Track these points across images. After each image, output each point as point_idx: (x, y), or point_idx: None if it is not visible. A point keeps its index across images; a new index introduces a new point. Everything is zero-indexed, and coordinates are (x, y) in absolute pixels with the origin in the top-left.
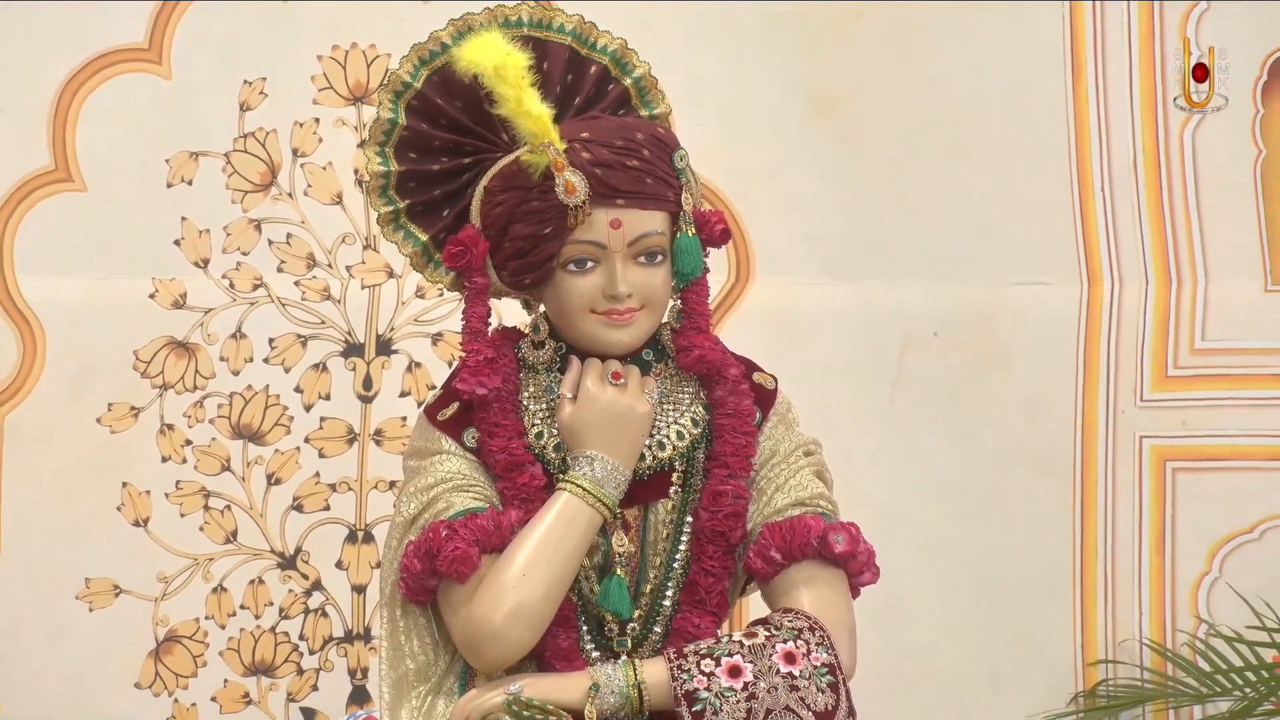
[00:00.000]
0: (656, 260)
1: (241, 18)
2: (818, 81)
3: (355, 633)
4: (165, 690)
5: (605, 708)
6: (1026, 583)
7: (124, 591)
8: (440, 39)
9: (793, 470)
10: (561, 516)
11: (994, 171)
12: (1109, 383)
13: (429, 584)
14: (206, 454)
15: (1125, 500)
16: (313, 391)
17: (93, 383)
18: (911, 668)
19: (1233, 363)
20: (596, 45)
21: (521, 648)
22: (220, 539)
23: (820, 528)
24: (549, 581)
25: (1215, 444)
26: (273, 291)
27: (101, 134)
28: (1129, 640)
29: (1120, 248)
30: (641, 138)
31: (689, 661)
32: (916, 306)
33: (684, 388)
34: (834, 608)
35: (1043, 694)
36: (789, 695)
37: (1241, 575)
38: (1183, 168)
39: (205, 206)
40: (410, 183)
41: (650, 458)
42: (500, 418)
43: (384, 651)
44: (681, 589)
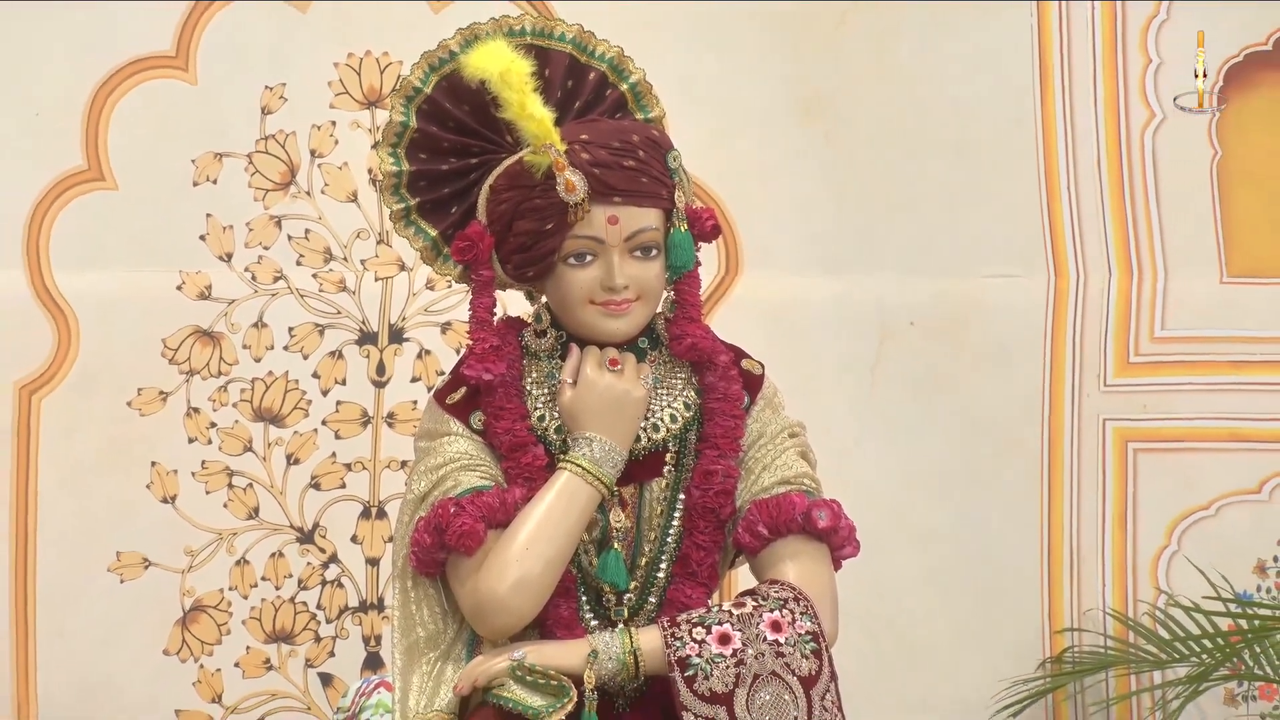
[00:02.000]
0: (651, 254)
1: (263, 27)
2: (803, 86)
3: (369, 603)
4: (192, 656)
5: (603, 673)
6: (997, 556)
7: (153, 564)
8: (449, 47)
9: (779, 451)
10: (562, 494)
11: (967, 170)
12: (1074, 369)
13: (438, 557)
14: (230, 435)
15: (1090, 479)
16: (329, 377)
17: (123, 369)
18: (890, 635)
19: (1190, 350)
20: (595, 53)
21: (525, 617)
22: (243, 515)
23: (804, 505)
24: (550, 555)
25: (1174, 426)
26: (292, 283)
27: (131, 136)
28: (1093, 610)
29: (1085, 242)
30: (637, 139)
31: (681, 630)
32: (895, 297)
33: (677, 374)
34: (817, 579)
35: (1012, 660)
36: (775, 661)
37: (1198, 549)
38: (1143, 167)
39: (229, 204)
40: (421, 181)
41: (645, 439)
42: (505, 401)
43: (396, 620)
44: (674, 562)
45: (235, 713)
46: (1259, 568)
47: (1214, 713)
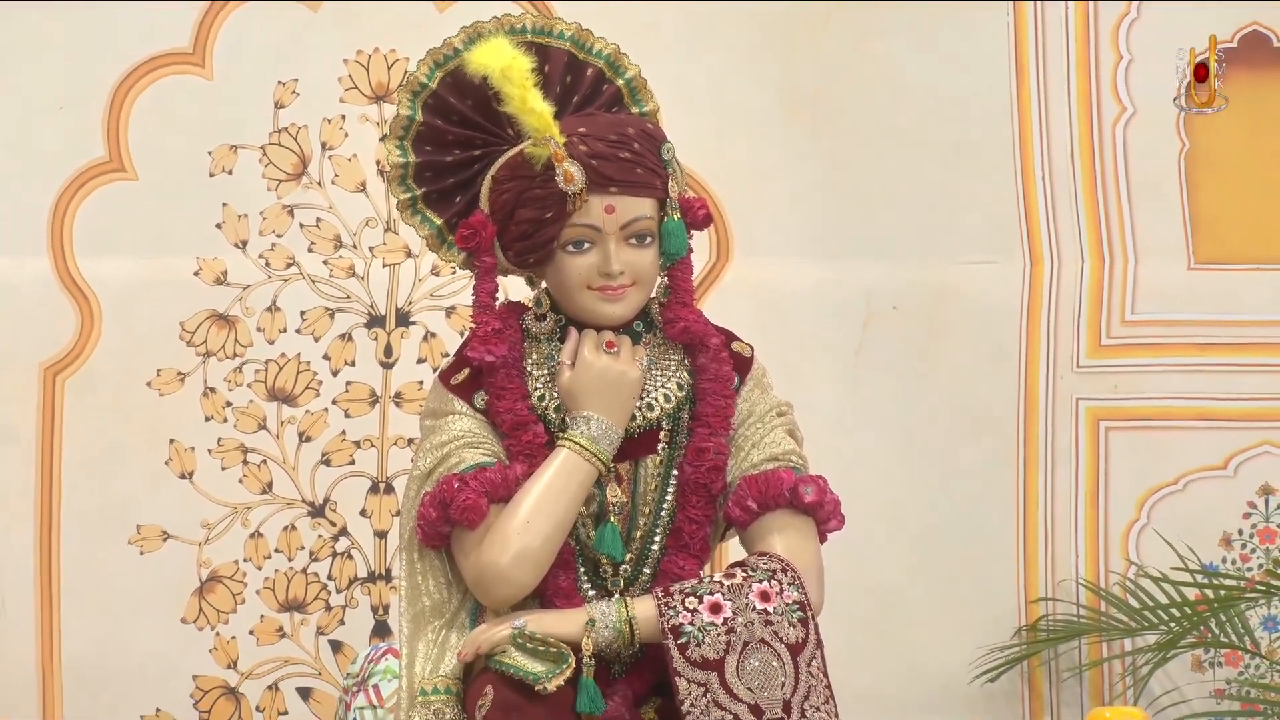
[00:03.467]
0: (646, 242)
1: (276, 25)
2: (791, 83)
3: (377, 573)
4: (208, 624)
5: (600, 640)
6: (976, 529)
7: (171, 537)
8: (453, 44)
9: (767, 429)
10: (561, 470)
11: (947, 162)
12: (1049, 351)
13: (443, 530)
14: (245, 414)
15: (1063, 455)
16: (339, 359)
17: (143, 351)
18: (873, 605)
19: (1159, 333)
20: (592, 50)
21: (525, 587)
22: (257, 490)
23: (792, 480)
24: (550, 528)
25: (1143, 405)
26: (304, 269)
27: (151, 129)
28: (1067, 580)
29: (1059, 231)
30: (632, 132)
31: (675, 599)
32: (878, 283)
33: (670, 356)
34: (804, 552)
35: (990, 628)
36: (764, 629)
37: (1166, 522)
38: (1115, 160)
39: (244, 194)
40: (426, 172)
41: (640, 418)
42: (506, 382)
43: (403, 590)
44: (668, 535)
45: (250, 678)
46: (1224, 540)
47: (1182, 678)
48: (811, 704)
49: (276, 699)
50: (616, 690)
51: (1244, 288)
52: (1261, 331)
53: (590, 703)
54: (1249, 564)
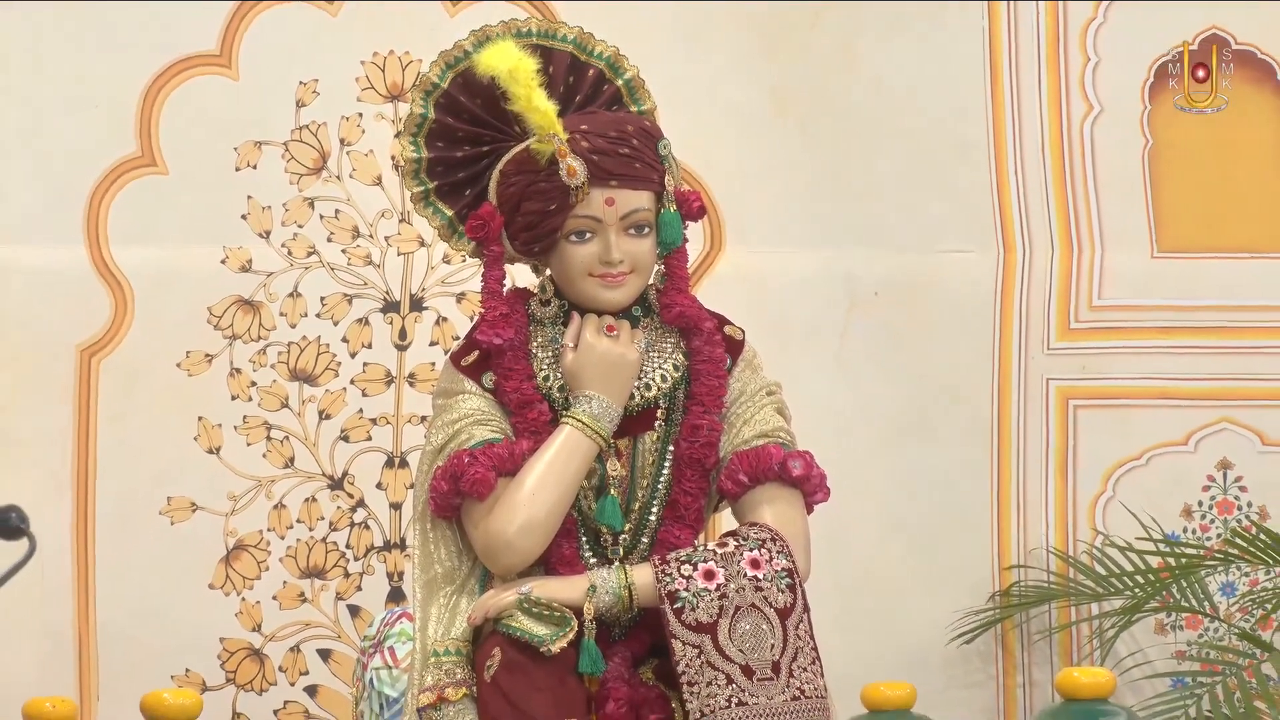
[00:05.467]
0: (644, 232)
1: (297, 29)
2: (780, 82)
3: (393, 542)
4: (234, 590)
5: (601, 605)
6: (953, 501)
7: (200, 508)
8: (463, 47)
9: (757, 407)
10: (565, 446)
11: (926, 157)
12: (1021, 334)
13: (454, 502)
14: (268, 393)
15: (1034, 432)
16: (357, 341)
17: (173, 334)
18: (857, 572)
19: (1124, 318)
20: (594, 52)
21: (531, 555)
22: (280, 464)
23: (780, 455)
24: (554, 500)
25: (1109, 385)
26: (323, 258)
27: (180, 126)
28: (1038, 548)
29: (1031, 222)
30: (631, 129)
31: (671, 567)
32: (861, 270)
33: (667, 339)
34: (792, 522)
35: (966, 593)
36: (754, 594)
37: (1131, 495)
38: (1083, 155)
39: (267, 187)
40: (438, 167)
41: (639, 397)
42: (513, 363)
43: (416, 558)
44: (664, 506)
45: (273, 640)
46: (1185, 511)
47: (1145, 640)
48: (799, 664)
49: (298, 660)
50: (616, 652)
51: (1203, 275)
52: (1220, 316)
53: (592, 663)
54: (1208, 534)
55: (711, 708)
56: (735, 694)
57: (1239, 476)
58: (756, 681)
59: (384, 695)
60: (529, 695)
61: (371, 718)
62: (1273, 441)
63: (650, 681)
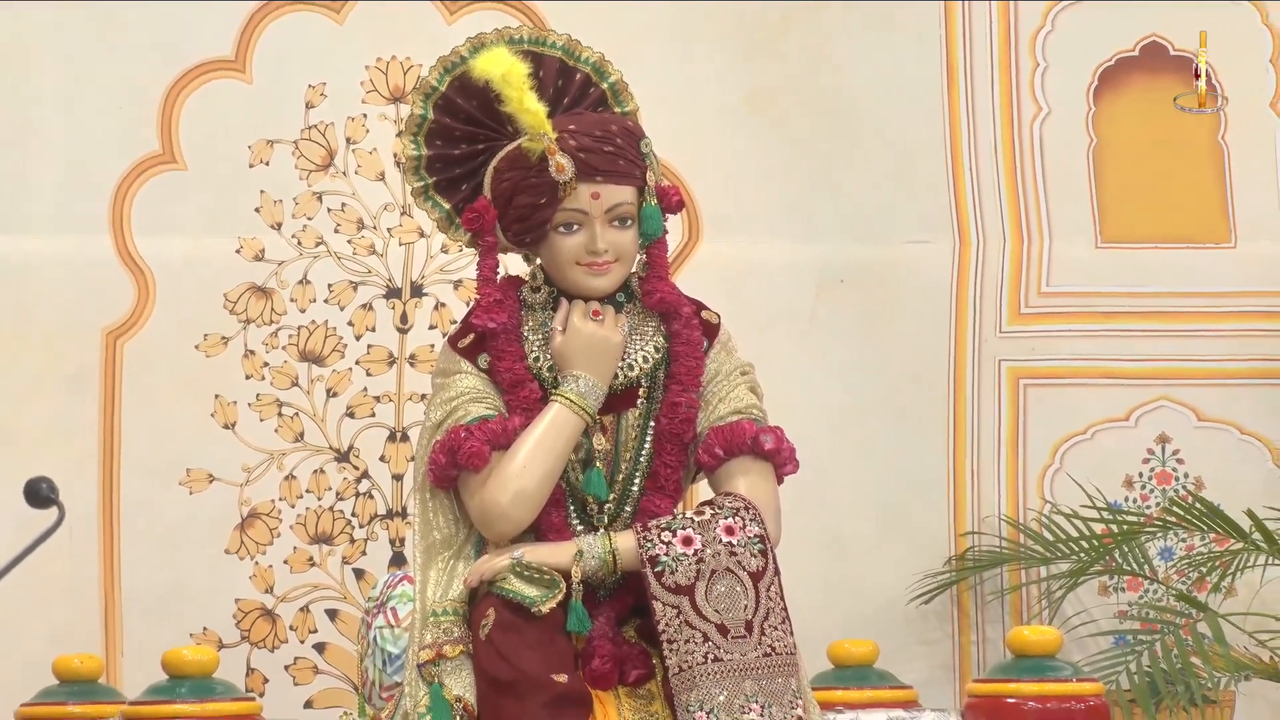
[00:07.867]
0: (627, 224)
1: (307, 36)
2: (753, 82)
3: (395, 511)
4: (248, 555)
5: (587, 569)
6: (912, 472)
7: (216, 479)
8: (460, 52)
9: (732, 386)
10: (554, 422)
11: (888, 153)
12: (975, 318)
13: (451, 474)
14: (280, 373)
15: (988, 408)
16: (361, 325)
17: (192, 318)
18: (823, 538)
19: (1070, 303)
20: (581, 58)
21: (523, 523)
22: (290, 439)
23: (753, 430)
24: (544, 472)
25: (1057, 365)
26: (331, 248)
27: (199, 126)
28: (990, 516)
29: (984, 214)
30: (615, 129)
31: (652, 533)
32: (829, 259)
33: (648, 323)
34: (764, 492)
35: (924, 557)
36: (729, 559)
37: (1076, 466)
38: (1033, 152)
39: (279, 182)
40: (437, 164)
41: (622, 376)
42: (506, 345)
43: (417, 525)
44: (646, 478)
45: (284, 601)
46: (1127, 482)
47: (1090, 601)
48: (770, 624)
49: (307, 619)
50: (601, 612)
51: (1144, 263)
52: (1159, 301)
53: (579, 622)
54: (1148, 503)
55: (689, 663)
56: (711, 650)
57: (1176, 450)
58: (731, 639)
59: (387, 652)
60: (521, 652)
61: (375, 673)
62: (1208, 418)
63: (633, 639)
